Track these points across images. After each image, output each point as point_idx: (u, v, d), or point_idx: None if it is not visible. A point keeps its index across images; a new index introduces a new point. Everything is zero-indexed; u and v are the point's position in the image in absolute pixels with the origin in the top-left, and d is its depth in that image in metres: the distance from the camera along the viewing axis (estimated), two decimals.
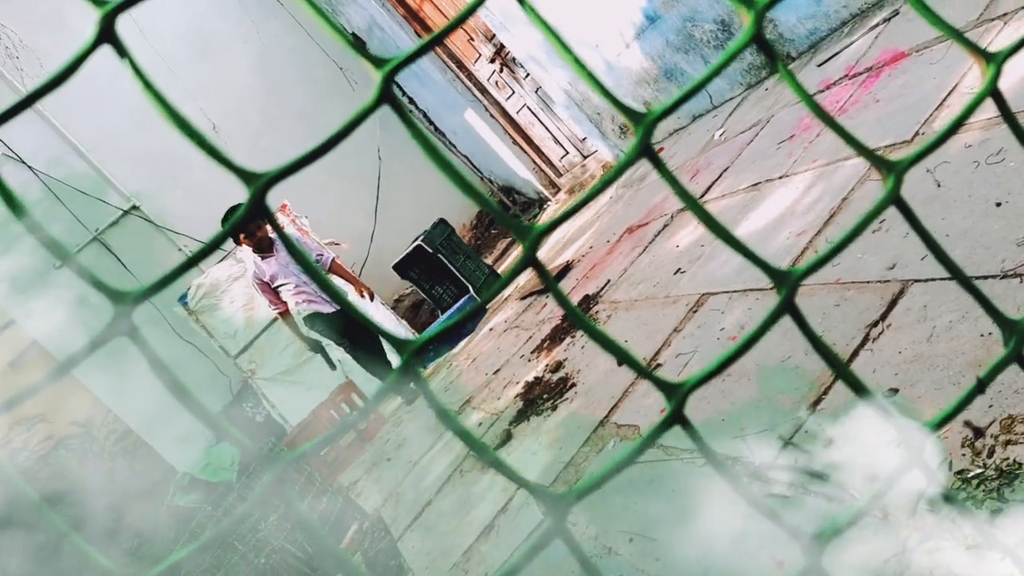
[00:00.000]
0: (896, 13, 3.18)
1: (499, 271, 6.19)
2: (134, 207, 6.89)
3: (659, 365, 2.39)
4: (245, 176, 0.29)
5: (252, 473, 3.89)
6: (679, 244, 3.23)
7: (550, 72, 5.70)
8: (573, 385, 2.87)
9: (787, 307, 0.35)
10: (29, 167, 6.58)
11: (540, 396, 3.02)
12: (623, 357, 0.35)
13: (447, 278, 5.86)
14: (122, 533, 5.28)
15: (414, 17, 6.78)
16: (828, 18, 3.71)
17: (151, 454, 6.10)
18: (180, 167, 6.96)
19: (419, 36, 6.82)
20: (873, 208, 0.36)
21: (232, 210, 4.24)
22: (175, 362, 6.15)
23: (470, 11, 0.30)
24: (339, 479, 4.33)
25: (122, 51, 0.27)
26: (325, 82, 7.47)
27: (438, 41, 0.31)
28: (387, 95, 0.30)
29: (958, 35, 0.38)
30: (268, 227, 4.14)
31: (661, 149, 5.16)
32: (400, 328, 5.98)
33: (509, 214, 0.33)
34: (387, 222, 7.28)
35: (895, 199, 0.36)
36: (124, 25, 6.79)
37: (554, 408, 2.84)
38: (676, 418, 0.34)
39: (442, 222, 6.03)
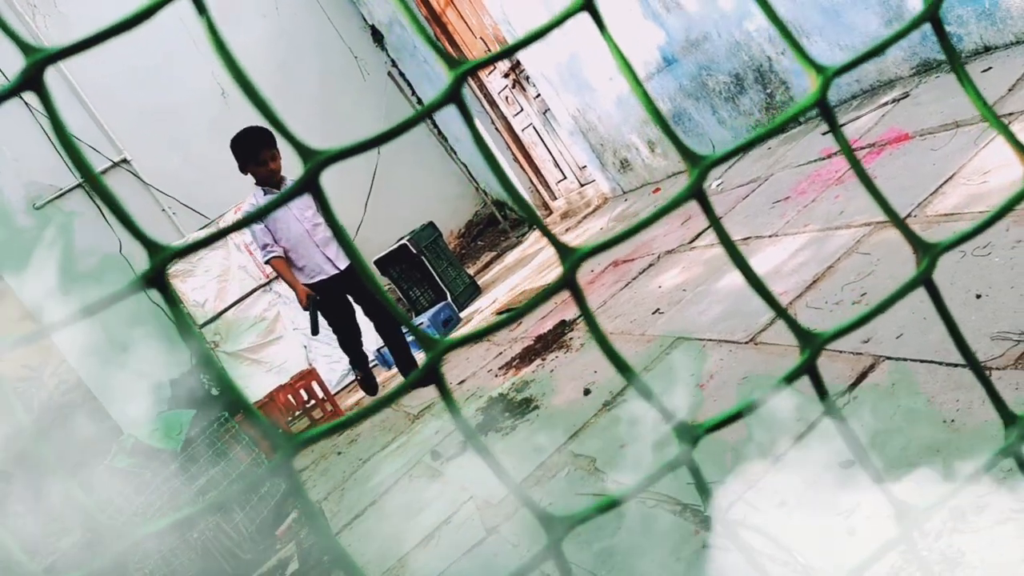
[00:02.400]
0: (906, 95, 3.24)
1: (480, 283, 6.18)
2: (124, 160, 6.81)
3: (624, 400, 2.39)
4: (303, 151, 0.29)
5: (198, 444, 3.83)
6: (661, 285, 3.25)
7: (561, 96, 5.73)
8: (536, 408, 2.86)
9: (808, 369, 0.35)
10: (25, 103, 6.49)
11: (502, 413, 3.01)
12: (638, 386, 0.34)
13: (427, 282, 5.85)
14: (54, 486, 5.15)
15: (436, 20, 6.81)
16: (839, 90, 3.77)
17: (98, 410, 5.98)
18: (176, 131, 6.90)
19: (437, 39, 6.82)
20: (904, 285, 0.36)
21: (244, 133, 3.84)
22: (138, 320, 6.05)
23: (555, 24, 0.30)
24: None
25: (201, 8, 0.26)
26: (338, 68, 7.46)
27: (513, 52, 0.31)
28: (455, 95, 0.30)
29: (1005, 130, 0.38)
30: (280, 162, 3.90)
31: (657, 190, 5.20)
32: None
33: (549, 233, 0.33)
34: (376, 215, 7.25)
35: (926, 280, 0.36)
36: None
37: (513, 428, 2.82)
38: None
39: (431, 225, 6.03)
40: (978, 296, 1.68)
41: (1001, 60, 2.85)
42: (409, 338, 4.51)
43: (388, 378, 5.12)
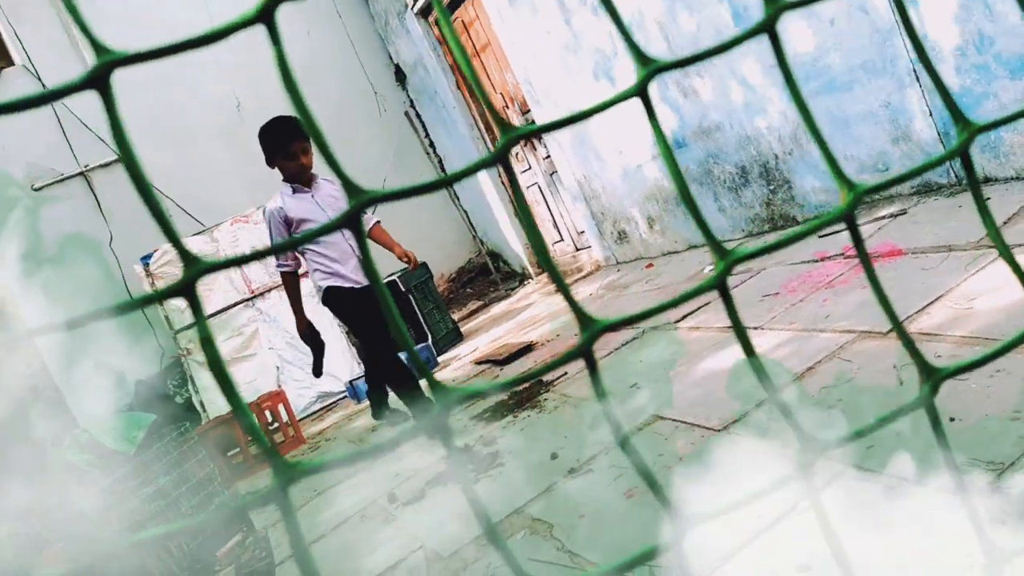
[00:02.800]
0: (904, 212, 3.33)
1: (463, 330, 6.18)
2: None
3: (590, 470, 2.37)
4: (350, 187, 0.30)
5: (153, 450, 3.74)
6: (643, 360, 3.26)
7: (569, 160, 5.83)
8: (501, 464, 2.83)
9: (926, 403, 0.36)
10: (42, 84, 6.52)
11: (465, 464, 2.97)
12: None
13: (410, 321, 5.83)
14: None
15: (459, 69, 6.94)
16: (839, 197, 3.86)
17: (57, 399, 5.86)
18: (184, 135, 6.94)
19: (458, 88, 6.98)
20: (906, 406, 0.37)
21: (274, 123, 3.49)
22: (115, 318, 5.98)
23: (621, 98, 0.31)
24: (238, 485, 4.18)
25: (275, 38, 0.28)
26: (357, 99, 7.57)
27: (565, 125, 0.32)
28: (504, 157, 0.31)
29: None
30: (311, 157, 3.52)
31: (650, 265, 5.26)
32: (348, 353, 5.89)
33: (573, 300, 0.34)
34: (370, 246, 7.26)
35: (928, 405, 0.37)
36: None
37: (475, 481, 2.79)
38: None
39: (423, 266, 6.04)
40: (952, 419, 1.70)
41: (1000, 192, 2.93)
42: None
43: (357, 411, 5.05)
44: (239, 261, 0.30)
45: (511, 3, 5.53)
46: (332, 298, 3.59)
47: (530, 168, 6.63)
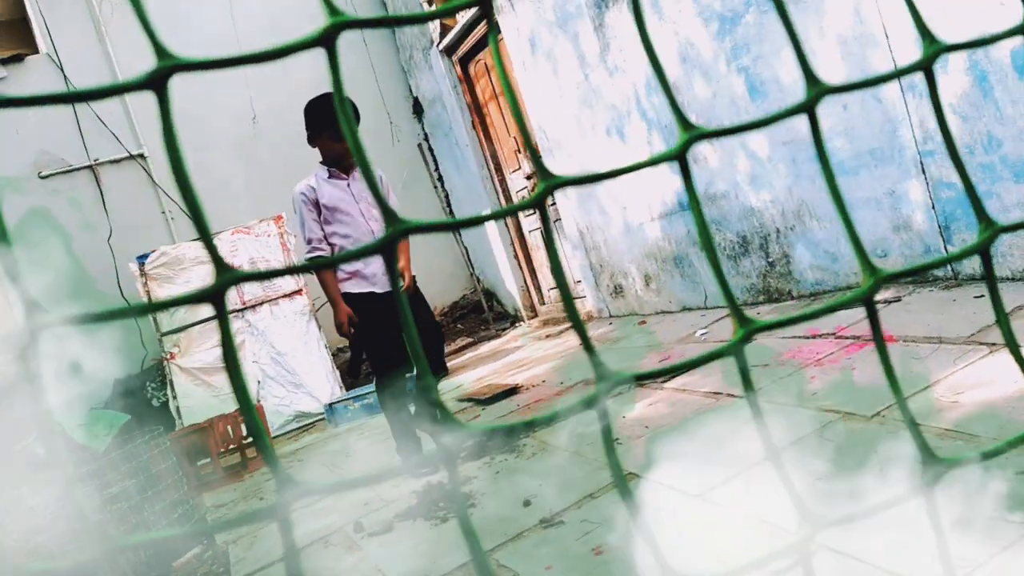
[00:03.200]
0: (898, 299, 3.36)
1: (448, 365, 6.14)
2: (141, 155, 6.86)
3: (561, 522, 2.35)
4: (389, 215, 0.31)
5: (125, 453, 3.69)
6: (626, 415, 3.25)
7: (574, 210, 5.89)
8: (472, 505, 2.80)
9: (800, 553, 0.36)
10: (64, 74, 6.58)
11: (436, 502, 2.94)
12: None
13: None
14: None
15: (476, 109, 7.05)
16: (836, 276, 3.90)
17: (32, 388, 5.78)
18: (198, 141, 6.99)
19: (473, 128, 7.07)
20: (906, 493, 0.38)
21: (326, 98, 3.25)
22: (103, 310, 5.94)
23: (661, 159, 0.32)
24: (204, 497, 4.11)
25: (334, 63, 0.29)
26: (372, 127, 7.66)
27: (604, 178, 0.34)
28: (541, 203, 0.32)
29: None
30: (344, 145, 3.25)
31: (643, 322, 5.28)
32: (331, 376, 5.85)
33: (595, 353, 0.35)
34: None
35: (927, 492, 0.38)
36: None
37: (444, 520, 2.75)
38: None
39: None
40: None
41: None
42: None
43: (333, 435, 5.00)
44: (274, 274, 0.31)
45: (533, 52, 5.64)
46: (348, 304, 3.35)
47: (534, 213, 6.69)
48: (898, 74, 0.38)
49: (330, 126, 3.21)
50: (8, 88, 6.34)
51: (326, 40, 0.28)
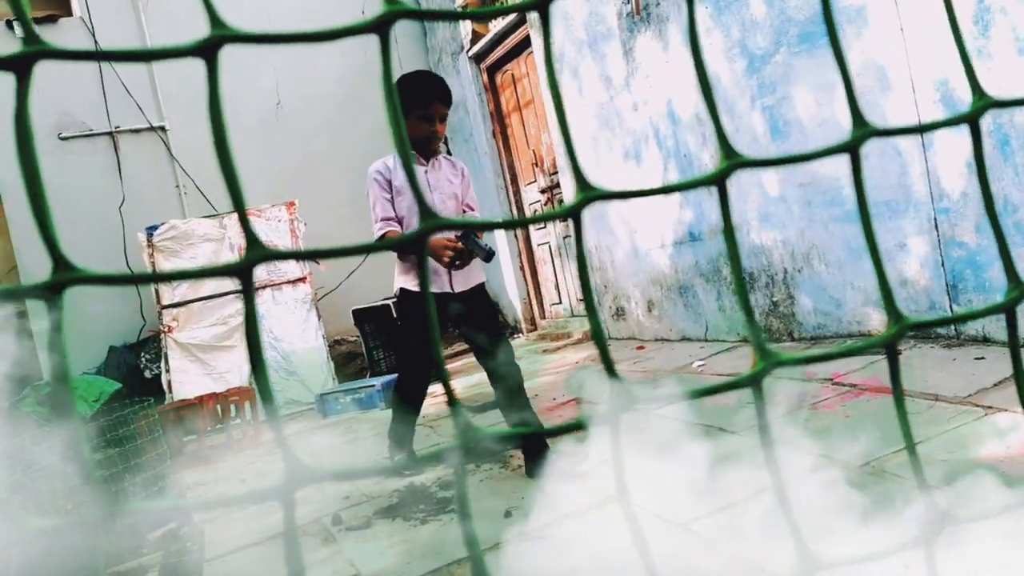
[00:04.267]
0: (899, 353, 3.35)
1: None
2: (161, 128, 6.89)
3: (541, 536, 2.34)
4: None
5: (112, 421, 3.69)
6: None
7: (585, 228, 5.90)
8: (452, 511, 2.79)
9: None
10: (94, 38, 6.63)
11: (417, 503, 2.93)
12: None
13: (393, 348, 5.81)
14: None
15: (499, 119, 7.08)
16: (839, 323, 3.90)
17: (29, 349, 5.79)
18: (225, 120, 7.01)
19: (494, 136, 7.10)
20: (904, 543, 0.38)
21: (425, 75, 3.09)
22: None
23: (698, 183, 0.33)
24: (185, 473, 4.10)
25: (386, 51, 0.29)
26: (386, 125, 7.68)
27: (642, 195, 0.34)
28: (577, 213, 0.33)
29: None
30: (444, 130, 3.09)
31: (641, 347, 5.27)
32: (326, 367, 5.85)
33: (614, 373, 0.35)
34: (371, 266, 7.27)
35: (927, 543, 0.38)
36: None
37: (423, 521, 2.75)
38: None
39: None
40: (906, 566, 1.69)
41: (995, 354, 2.97)
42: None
43: (321, 426, 4.99)
44: (304, 255, 0.31)
45: (560, 69, 5.67)
46: (405, 303, 3.12)
47: (544, 227, 6.70)
48: (944, 124, 0.39)
49: (421, 106, 2.98)
50: None
51: (380, 27, 0.29)
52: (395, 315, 3.32)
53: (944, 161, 3.18)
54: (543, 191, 6.60)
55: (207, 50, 0.30)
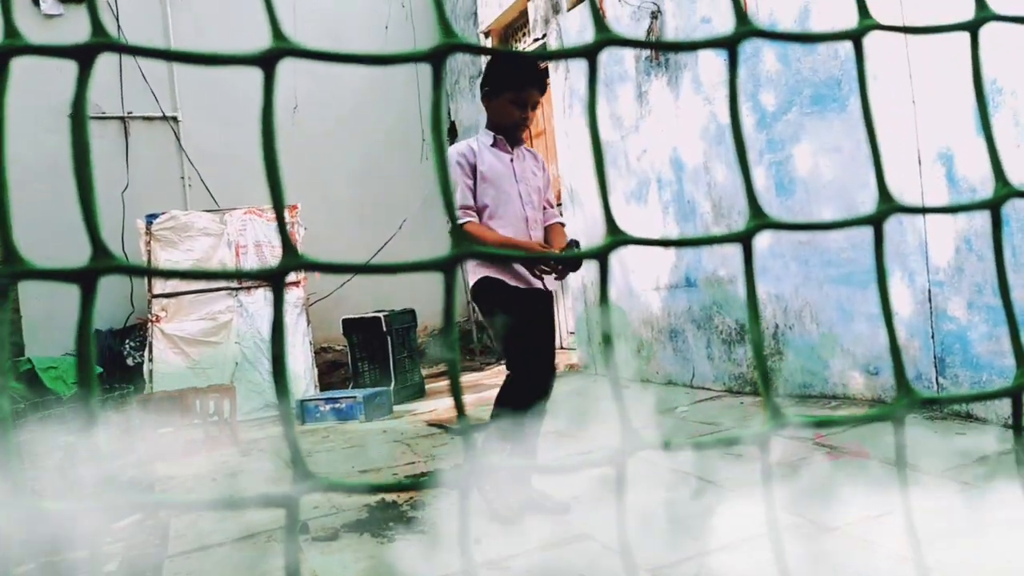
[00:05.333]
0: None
1: (427, 388, 6.13)
2: (174, 118, 6.92)
3: (507, 567, 2.33)
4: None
5: (87, 405, 3.66)
6: (590, 475, 3.23)
7: (584, 264, 5.93)
8: (422, 531, 2.77)
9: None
10: (117, 20, 6.67)
11: (387, 520, 2.91)
12: None
13: (380, 363, 5.80)
14: None
15: None
16: (825, 384, 3.91)
17: (15, 324, 5.75)
18: (233, 116, 7.06)
19: None
20: None
21: (524, 59, 2.89)
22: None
23: (725, 239, 0.34)
24: (157, 466, 4.07)
25: (437, 81, 0.30)
26: (405, 141, 7.75)
27: (665, 245, 0.35)
28: (604, 256, 0.34)
29: None
30: (533, 117, 2.83)
31: (625, 387, 5.28)
32: (309, 373, 5.83)
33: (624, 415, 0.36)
34: (368, 277, 7.28)
35: None
36: None
37: (390, 540, 2.73)
38: None
39: (411, 313, 6.05)
40: None
41: (977, 431, 2.99)
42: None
43: (300, 431, 4.95)
44: (343, 268, 0.32)
45: (572, 104, 5.73)
46: (486, 293, 2.84)
47: None
48: (967, 208, 0.40)
49: (515, 88, 2.75)
50: (62, 27, 6.42)
51: (435, 57, 0.30)
52: (477, 309, 3.00)
53: (941, 235, 3.22)
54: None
55: (266, 61, 0.31)
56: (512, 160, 2.84)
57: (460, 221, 2.68)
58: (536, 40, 6.27)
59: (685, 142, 4.70)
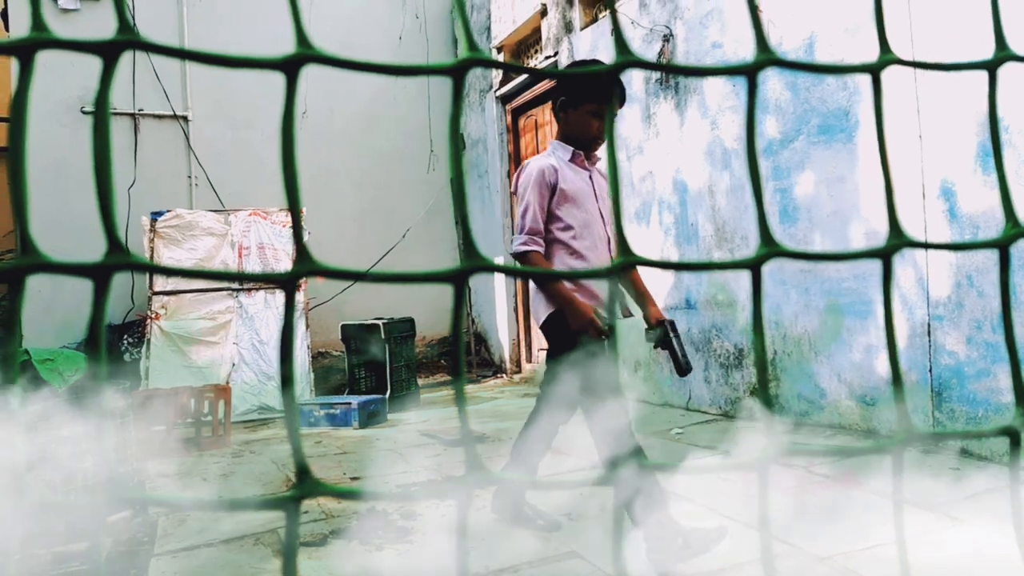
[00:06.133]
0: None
1: (422, 397, 6.12)
2: (184, 117, 6.95)
3: None
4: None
5: (85, 398, 3.65)
6: (582, 492, 3.22)
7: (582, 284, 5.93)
8: (409, 542, 2.76)
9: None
10: (132, 17, 6.71)
11: (376, 529, 2.90)
12: None
13: (376, 370, 5.79)
14: None
15: (516, 160, 7.17)
16: (821, 412, 3.91)
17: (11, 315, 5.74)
18: (243, 117, 7.09)
19: (508, 176, 7.18)
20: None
21: (593, 65, 2.13)
22: (98, 256, 5.95)
23: (734, 265, 0.35)
24: (149, 463, 4.06)
25: (458, 94, 0.31)
26: (413, 151, 7.78)
27: (678, 268, 0.36)
28: (615, 273, 0.35)
29: None
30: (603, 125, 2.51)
31: None
32: (305, 378, 5.82)
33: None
34: (370, 285, 7.28)
35: None
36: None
37: (379, 548, 2.72)
38: None
39: (410, 322, 6.05)
40: None
41: (972, 468, 2.98)
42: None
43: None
44: (356, 276, 0.33)
45: None
46: (559, 325, 2.50)
47: None
48: (977, 246, 0.41)
49: (598, 100, 2.51)
50: (79, 22, 6.47)
51: (457, 71, 0.31)
52: (547, 342, 2.64)
53: (942, 270, 3.23)
54: None
55: (290, 66, 0.32)
56: (591, 176, 2.62)
57: (524, 249, 2.48)
58: (548, 58, 6.31)
59: (690, 165, 4.72)
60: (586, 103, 2.52)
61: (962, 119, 3.11)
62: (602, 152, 2.74)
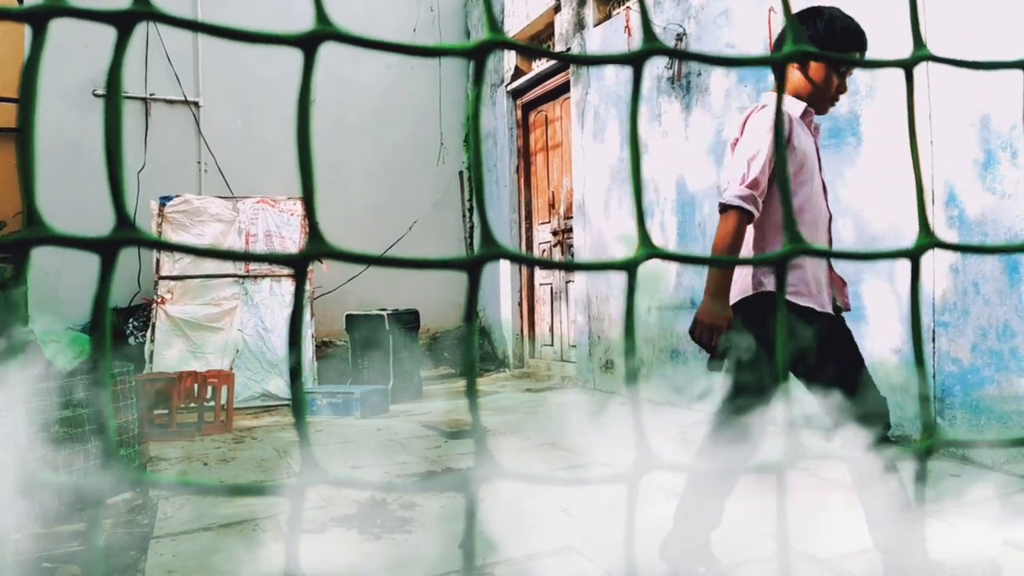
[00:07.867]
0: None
1: (424, 390, 6.13)
2: (195, 103, 6.96)
3: (491, 574, 2.32)
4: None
5: (88, 379, 3.67)
6: (581, 489, 3.22)
7: (590, 278, 5.93)
8: (408, 532, 2.76)
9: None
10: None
11: (375, 518, 2.90)
12: None
13: (379, 360, 5.80)
14: None
15: (525, 155, 7.16)
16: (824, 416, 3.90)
17: (19, 296, 5.77)
18: (255, 105, 7.09)
19: (517, 172, 7.17)
20: None
21: (842, 15, 2.03)
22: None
23: (758, 260, 0.34)
24: (150, 447, 4.07)
25: (479, 77, 0.31)
26: (423, 143, 7.78)
27: (700, 262, 0.35)
28: (633, 267, 0.34)
29: None
30: (843, 81, 2.12)
31: (624, 404, 5.26)
32: (309, 366, 5.83)
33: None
34: (371, 273, 7.28)
35: None
36: None
37: (377, 537, 2.72)
38: None
39: (415, 314, 6.05)
40: None
41: (971, 475, 2.97)
42: None
43: (292, 423, 4.95)
44: (368, 260, 0.32)
45: (592, 117, 5.75)
46: (762, 310, 2.05)
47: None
48: (1018, 249, 0.40)
49: (853, 48, 2.08)
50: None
51: (478, 53, 0.30)
52: (742, 326, 2.06)
53: (949, 276, 3.22)
54: (555, 233, 6.65)
55: (308, 43, 0.31)
56: (816, 139, 2.19)
57: (740, 204, 2.00)
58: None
59: (696, 165, 4.70)
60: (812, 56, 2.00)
61: (971, 126, 3.09)
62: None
